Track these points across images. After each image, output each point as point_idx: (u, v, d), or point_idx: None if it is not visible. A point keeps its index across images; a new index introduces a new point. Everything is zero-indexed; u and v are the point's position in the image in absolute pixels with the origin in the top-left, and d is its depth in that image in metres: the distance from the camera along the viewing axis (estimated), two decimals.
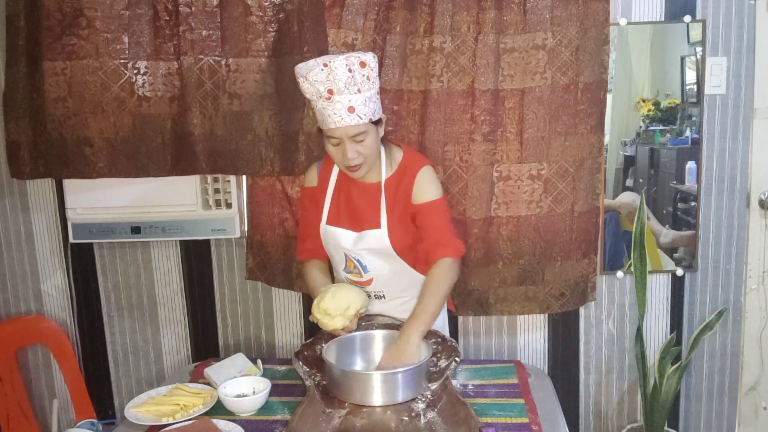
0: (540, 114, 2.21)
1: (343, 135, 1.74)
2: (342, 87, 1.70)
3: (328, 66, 1.69)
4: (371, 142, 1.79)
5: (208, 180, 2.35)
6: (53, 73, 2.16)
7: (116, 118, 2.19)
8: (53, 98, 2.17)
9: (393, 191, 1.87)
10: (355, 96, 1.72)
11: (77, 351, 2.63)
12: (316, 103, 1.76)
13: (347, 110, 1.71)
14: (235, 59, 2.19)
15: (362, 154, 1.78)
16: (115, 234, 2.39)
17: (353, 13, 2.17)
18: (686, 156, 2.35)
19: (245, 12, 2.16)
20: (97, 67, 2.15)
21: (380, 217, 1.86)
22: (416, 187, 1.86)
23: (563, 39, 2.17)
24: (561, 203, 2.27)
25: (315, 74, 1.70)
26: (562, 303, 2.34)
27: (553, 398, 1.85)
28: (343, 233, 1.90)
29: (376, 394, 1.62)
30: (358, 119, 1.73)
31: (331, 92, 1.71)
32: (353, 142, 1.75)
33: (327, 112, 1.73)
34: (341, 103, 1.71)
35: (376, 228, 1.86)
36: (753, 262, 2.44)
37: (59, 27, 2.14)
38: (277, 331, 2.58)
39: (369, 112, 1.75)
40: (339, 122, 1.72)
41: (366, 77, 1.73)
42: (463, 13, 2.16)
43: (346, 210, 1.92)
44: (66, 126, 2.19)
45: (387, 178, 1.88)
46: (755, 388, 2.53)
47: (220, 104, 2.20)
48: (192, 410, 1.74)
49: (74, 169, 2.23)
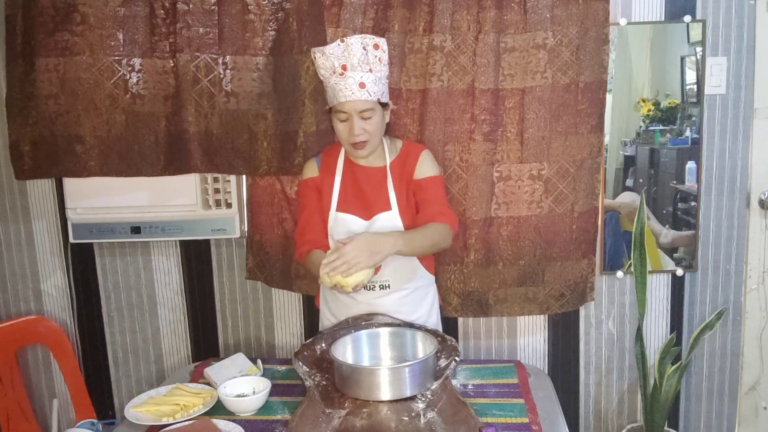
0: (540, 114, 2.21)
1: (351, 110, 1.84)
2: (355, 63, 1.83)
3: (344, 42, 1.83)
4: (377, 121, 1.88)
5: (208, 180, 2.34)
6: (46, 70, 2.13)
7: (109, 116, 2.17)
8: (45, 95, 2.14)
9: (399, 173, 1.95)
10: (367, 74, 1.84)
11: (77, 351, 2.63)
12: (329, 80, 1.87)
13: (358, 85, 1.83)
14: (233, 57, 2.18)
15: (368, 131, 1.87)
16: (115, 234, 2.39)
17: (351, 12, 2.17)
18: (686, 156, 2.35)
19: (243, 10, 2.16)
20: (91, 64, 2.13)
21: (389, 199, 1.93)
22: (418, 165, 1.96)
23: (563, 38, 2.17)
24: (561, 203, 2.27)
25: (332, 48, 1.83)
26: (561, 304, 2.34)
27: (553, 398, 1.85)
28: (354, 219, 1.94)
29: (384, 389, 1.63)
30: (368, 95, 1.84)
31: (344, 68, 1.83)
32: (360, 118, 1.85)
33: (339, 87, 1.84)
34: (353, 78, 1.83)
35: (387, 210, 1.93)
36: (753, 262, 2.44)
37: (52, 23, 2.12)
38: (277, 331, 2.58)
39: (378, 91, 1.86)
40: (350, 96, 1.83)
41: (378, 59, 1.86)
42: (463, 12, 2.16)
43: (355, 196, 1.96)
44: (58, 123, 2.16)
45: (392, 162, 1.97)
46: (755, 388, 2.53)
47: (217, 102, 2.18)
48: (192, 410, 1.74)
49: (65, 168, 2.20)
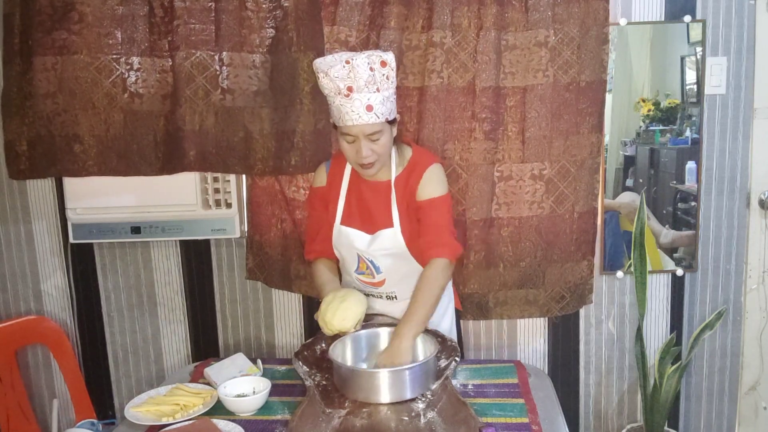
0: (542, 113, 2.20)
1: (359, 133, 1.76)
2: (362, 85, 1.72)
3: (350, 63, 1.71)
4: (385, 141, 1.80)
5: (208, 180, 2.34)
6: (43, 69, 2.11)
7: (107, 115, 2.15)
8: (42, 94, 2.12)
9: (402, 189, 1.88)
10: (374, 95, 1.74)
11: (77, 351, 2.63)
12: (333, 100, 1.77)
13: (365, 108, 1.73)
14: (229, 53, 2.15)
15: (376, 153, 1.79)
16: (115, 234, 2.39)
17: (347, 9, 2.15)
18: (686, 156, 2.35)
19: (240, 6, 2.14)
20: (89, 63, 2.11)
21: (392, 215, 1.87)
22: (421, 184, 1.86)
23: (564, 37, 2.17)
24: (562, 204, 2.27)
25: (336, 71, 1.72)
26: (562, 306, 2.34)
27: (553, 398, 1.85)
28: (357, 234, 1.90)
29: (383, 392, 1.62)
30: (376, 118, 1.75)
31: (350, 89, 1.72)
32: (368, 140, 1.77)
33: (345, 109, 1.75)
34: (360, 101, 1.73)
35: (389, 227, 1.87)
36: (753, 262, 2.44)
37: (50, 21, 2.10)
38: (277, 331, 2.58)
39: (386, 111, 1.77)
40: (357, 120, 1.74)
41: (386, 76, 1.76)
42: (463, 8, 2.14)
43: (359, 210, 1.92)
44: (55, 122, 2.14)
45: (397, 176, 1.89)
46: (755, 388, 2.52)
47: (212, 99, 2.16)
48: (192, 410, 1.74)
49: (62, 167, 2.18)
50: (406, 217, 1.87)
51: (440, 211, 1.86)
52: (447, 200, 1.89)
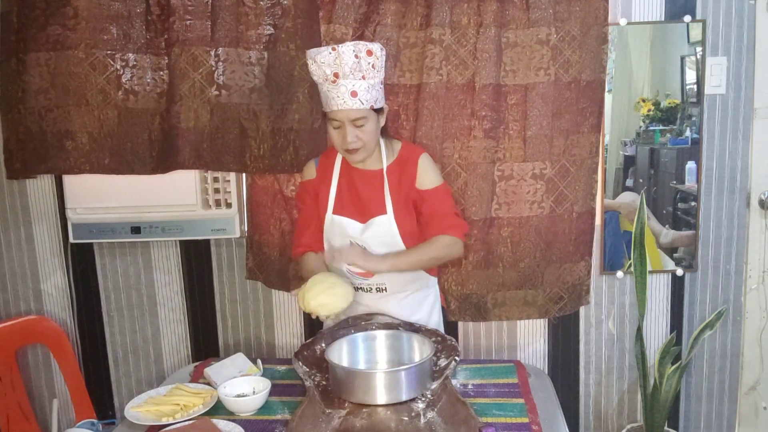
0: (543, 111, 2.20)
1: (344, 118, 1.82)
2: (347, 71, 1.77)
3: (336, 50, 1.78)
4: (371, 129, 1.85)
5: (208, 180, 2.34)
6: (36, 64, 2.10)
7: (100, 112, 2.13)
8: (35, 90, 2.11)
9: (396, 177, 1.93)
10: (359, 82, 1.79)
11: (77, 351, 2.63)
12: (322, 86, 1.84)
13: (350, 94, 1.79)
14: (225, 48, 2.15)
15: (361, 139, 1.84)
16: (115, 234, 2.39)
17: (344, 7, 2.15)
18: (686, 156, 2.35)
19: (238, 2, 2.14)
20: (83, 59, 2.09)
21: (385, 203, 1.91)
22: (420, 173, 1.93)
23: (566, 36, 2.17)
24: (561, 204, 2.27)
25: (323, 57, 1.78)
26: (560, 307, 2.34)
27: (553, 398, 1.85)
28: (350, 223, 1.94)
29: (380, 393, 1.62)
30: (360, 104, 1.80)
31: (336, 75, 1.78)
32: (353, 126, 1.83)
33: (331, 95, 1.81)
34: (345, 87, 1.78)
35: (383, 214, 1.91)
36: (753, 262, 2.44)
37: (43, 17, 2.09)
38: (277, 331, 2.58)
39: (371, 98, 1.82)
40: (341, 105, 1.80)
41: (371, 65, 1.81)
42: (463, 5, 2.14)
43: (351, 199, 1.95)
44: (47, 119, 2.12)
45: (388, 165, 1.94)
46: (755, 388, 2.52)
47: (207, 96, 2.15)
48: (192, 410, 1.74)
49: (53, 165, 2.17)
50: (399, 206, 1.92)
51: (444, 198, 1.94)
52: (446, 187, 1.99)
